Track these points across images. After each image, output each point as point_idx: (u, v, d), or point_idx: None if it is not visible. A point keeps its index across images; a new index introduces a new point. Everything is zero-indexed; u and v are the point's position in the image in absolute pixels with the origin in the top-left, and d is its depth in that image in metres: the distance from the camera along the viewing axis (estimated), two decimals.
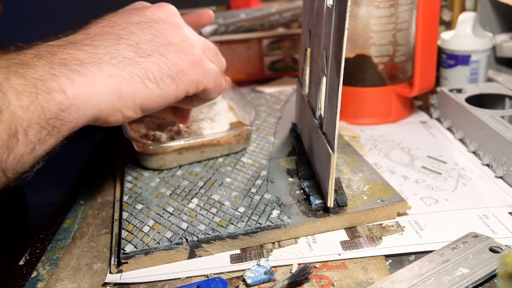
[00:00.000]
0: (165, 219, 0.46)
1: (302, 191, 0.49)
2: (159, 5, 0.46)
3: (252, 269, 0.40)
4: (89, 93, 0.37)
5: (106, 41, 0.40)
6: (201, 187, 0.51)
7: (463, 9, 0.82)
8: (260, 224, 0.44)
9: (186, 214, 0.46)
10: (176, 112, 0.54)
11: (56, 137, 0.36)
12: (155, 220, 0.46)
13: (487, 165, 0.54)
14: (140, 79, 0.40)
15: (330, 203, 0.44)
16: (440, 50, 0.71)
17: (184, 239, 0.43)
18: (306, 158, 0.54)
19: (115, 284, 0.41)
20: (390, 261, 0.41)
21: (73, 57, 0.37)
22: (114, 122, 0.41)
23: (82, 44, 0.39)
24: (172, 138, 0.57)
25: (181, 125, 0.59)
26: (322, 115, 0.47)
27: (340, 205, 0.45)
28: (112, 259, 0.43)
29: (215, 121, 0.62)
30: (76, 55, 0.38)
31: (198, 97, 0.48)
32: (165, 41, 0.43)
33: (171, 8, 0.46)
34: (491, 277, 0.37)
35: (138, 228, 0.45)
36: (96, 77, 0.38)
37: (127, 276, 0.41)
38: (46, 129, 0.35)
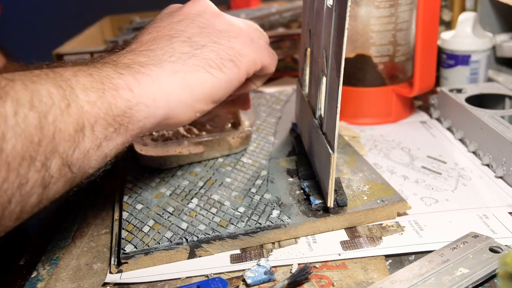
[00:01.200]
0: (165, 219, 0.46)
1: (302, 191, 0.49)
2: (193, 1, 0.46)
3: (252, 269, 0.40)
4: (156, 91, 0.37)
5: (160, 43, 0.41)
6: (201, 187, 0.51)
7: (463, 9, 0.82)
8: (260, 224, 0.44)
9: (186, 214, 0.46)
10: (237, 101, 0.55)
11: (124, 136, 0.36)
12: (155, 220, 0.46)
13: (487, 165, 0.54)
14: (203, 69, 0.41)
15: (330, 203, 0.44)
16: (440, 50, 0.71)
17: (184, 239, 0.43)
18: (306, 158, 0.54)
19: (115, 284, 0.41)
20: (390, 261, 0.41)
21: (135, 61, 0.38)
22: (186, 120, 0.41)
23: (139, 50, 0.40)
24: (171, 138, 0.57)
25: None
26: (322, 115, 0.47)
27: (340, 205, 0.45)
28: (112, 259, 0.43)
29: (215, 122, 0.62)
30: (137, 59, 0.39)
31: (257, 76, 0.49)
32: (213, 30, 0.44)
33: (206, 0, 0.47)
34: (491, 277, 0.37)
35: (138, 228, 0.45)
36: (160, 76, 0.38)
37: (127, 276, 0.41)
38: (113, 126, 0.35)
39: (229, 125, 0.60)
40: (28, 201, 0.31)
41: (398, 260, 0.41)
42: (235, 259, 0.42)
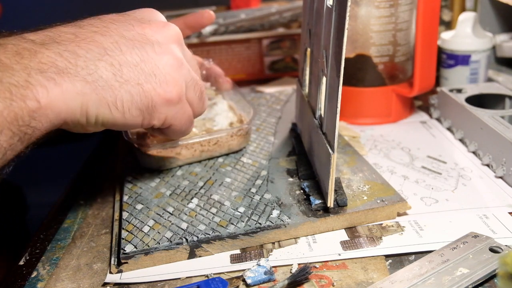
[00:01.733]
0: (165, 219, 0.46)
1: (302, 191, 0.49)
2: (164, 25, 0.43)
3: (252, 269, 0.40)
4: (61, 105, 0.37)
5: (89, 53, 0.39)
6: (201, 187, 0.51)
7: (463, 9, 0.82)
8: (260, 224, 0.44)
9: (186, 214, 0.46)
10: (138, 136, 0.54)
11: (26, 143, 0.36)
12: (155, 220, 0.46)
13: (487, 165, 0.54)
14: (107, 105, 0.39)
15: (330, 203, 0.44)
16: (440, 50, 0.71)
17: (184, 239, 0.43)
18: (306, 158, 0.54)
19: (115, 284, 0.41)
20: (390, 261, 0.41)
21: (52, 64, 0.37)
22: (75, 132, 0.41)
23: (65, 48, 0.38)
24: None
25: None
26: (322, 115, 0.47)
27: (340, 205, 0.45)
28: (112, 259, 0.43)
29: (215, 121, 0.62)
30: (56, 61, 0.37)
31: (158, 130, 0.46)
32: (150, 70, 0.41)
33: (174, 32, 0.44)
34: (491, 277, 0.37)
35: (138, 228, 0.45)
36: (68, 91, 0.37)
37: (127, 276, 0.41)
38: (18, 135, 0.35)
39: (228, 123, 0.60)
40: None
41: (398, 260, 0.41)
42: (235, 259, 0.42)
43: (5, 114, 0.33)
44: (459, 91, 0.63)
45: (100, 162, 0.64)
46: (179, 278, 0.41)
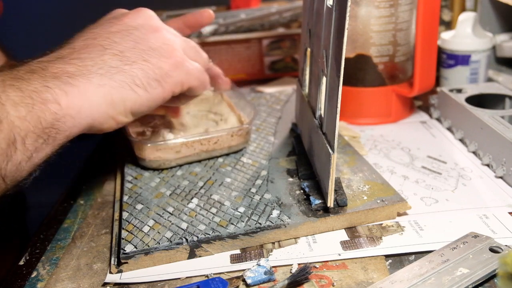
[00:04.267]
0: (165, 219, 0.46)
1: (302, 191, 0.49)
2: (137, 11, 0.47)
3: (252, 269, 0.40)
4: (82, 103, 0.39)
5: (92, 53, 0.42)
6: (201, 187, 0.51)
7: (463, 9, 0.82)
8: (260, 224, 0.44)
9: (186, 214, 0.46)
10: (167, 108, 0.57)
11: (52, 145, 0.38)
12: (155, 220, 0.46)
13: (487, 165, 0.54)
14: (128, 85, 0.42)
15: (330, 203, 0.44)
16: (440, 50, 0.71)
17: (184, 239, 0.43)
18: (306, 158, 0.54)
19: (115, 284, 0.41)
20: (390, 261, 0.41)
21: (63, 71, 0.39)
22: (108, 128, 0.43)
23: (69, 58, 0.41)
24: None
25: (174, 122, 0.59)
26: (322, 115, 0.47)
27: (340, 205, 0.45)
28: (112, 259, 0.43)
29: (215, 121, 0.62)
30: (66, 68, 0.40)
31: (184, 95, 0.50)
32: (147, 47, 0.45)
33: (149, 12, 0.47)
34: (491, 277, 0.37)
35: (138, 228, 0.45)
36: (86, 88, 0.40)
37: (127, 276, 0.41)
38: (42, 137, 0.37)
39: (228, 123, 0.60)
40: None
41: (398, 260, 0.41)
42: (235, 259, 0.42)
43: (28, 118, 0.36)
44: (459, 91, 0.63)
45: (100, 162, 0.64)
46: (179, 278, 0.41)
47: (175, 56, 0.46)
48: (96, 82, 0.40)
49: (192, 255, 0.43)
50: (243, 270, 0.40)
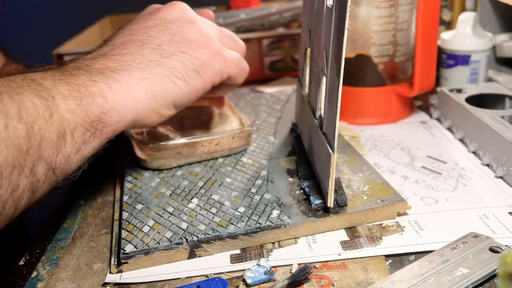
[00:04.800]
0: (165, 219, 0.46)
1: (302, 191, 0.49)
2: (171, 5, 0.48)
3: (252, 269, 0.40)
4: (125, 96, 0.40)
5: (131, 49, 0.43)
6: (201, 187, 0.51)
7: (463, 9, 0.82)
8: (260, 224, 0.44)
9: (186, 214, 0.46)
10: (211, 99, 0.57)
11: (99, 139, 0.39)
12: (155, 220, 0.46)
13: (487, 165, 0.54)
14: (168, 78, 0.43)
15: (330, 203, 0.44)
16: (440, 50, 0.71)
17: (184, 239, 0.43)
18: (306, 158, 0.54)
19: (115, 284, 0.41)
20: (390, 261, 0.41)
21: (106, 66, 0.40)
22: (152, 122, 0.44)
23: (110, 54, 0.42)
24: (169, 137, 0.57)
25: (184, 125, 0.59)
26: (322, 115, 0.47)
27: (340, 205, 0.45)
28: (112, 259, 0.43)
29: (215, 121, 0.62)
30: (108, 64, 0.41)
31: (225, 85, 0.50)
32: (183, 39, 0.45)
33: (182, 5, 0.48)
34: (491, 277, 0.37)
35: (138, 228, 0.45)
36: (129, 82, 0.40)
37: (127, 276, 0.41)
38: (90, 130, 0.38)
39: (231, 124, 0.60)
40: (19, 204, 0.34)
41: (398, 260, 0.41)
42: (235, 259, 0.42)
43: (77, 111, 0.36)
44: (459, 91, 0.63)
45: (100, 162, 0.64)
46: (179, 278, 0.41)
47: (212, 46, 0.46)
48: (138, 76, 0.41)
49: (192, 255, 0.43)
50: (243, 270, 0.40)
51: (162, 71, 0.43)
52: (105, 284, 0.41)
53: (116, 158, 0.61)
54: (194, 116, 0.62)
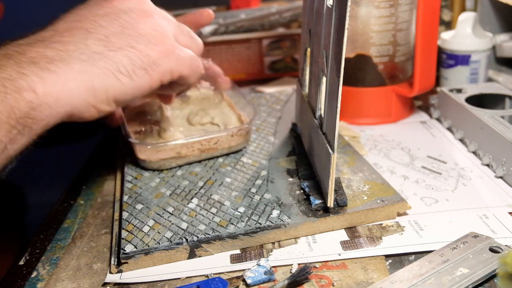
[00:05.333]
0: (165, 219, 0.46)
1: (302, 191, 0.49)
2: None
3: (252, 269, 0.40)
4: (60, 90, 0.37)
5: (75, 37, 0.39)
6: (201, 187, 0.51)
7: (463, 9, 0.82)
8: (260, 224, 0.44)
9: (186, 214, 0.46)
10: (159, 95, 0.55)
11: (28, 136, 0.36)
12: (155, 220, 0.46)
13: (487, 165, 0.54)
14: (111, 73, 0.39)
15: (330, 203, 0.44)
16: (440, 50, 0.71)
17: (184, 239, 0.43)
18: (306, 158, 0.54)
19: (115, 284, 0.41)
20: (390, 261, 0.41)
21: (42, 55, 0.37)
22: (89, 117, 0.40)
23: (50, 41, 0.38)
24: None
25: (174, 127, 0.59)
26: (322, 115, 0.47)
27: (340, 205, 0.45)
28: (112, 259, 0.43)
29: (215, 121, 0.62)
30: (45, 52, 0.37)
31: (176, 84, 0.47)
32: (135, 32, 0.42)
33: None
34: (491, 277, 0.37)
35: (138, 228, 0.45)
36: (66, 74, 0.37)
37: (127, 276, 0.41)
38: (16, 128, 0.35)
39: (229, 122, 0.60)
40: None
41: (398, 260, 0.41)
42: (235, 259, 0.42)
43: (0, 108, 0.33)
44: (459, 91, 0.63)
45: (100, 162, 0.64)
46: (179, 278, 0.41)
47: (164, 43, 0.43)
48: (77, 68, 0.38)
49: (192, 255, 0.43)
50: (243, 270, 0.40)
51: (105, 65, 0.39)
52: (105, 284, 0.41)
53: (116, 158, 0.61)
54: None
